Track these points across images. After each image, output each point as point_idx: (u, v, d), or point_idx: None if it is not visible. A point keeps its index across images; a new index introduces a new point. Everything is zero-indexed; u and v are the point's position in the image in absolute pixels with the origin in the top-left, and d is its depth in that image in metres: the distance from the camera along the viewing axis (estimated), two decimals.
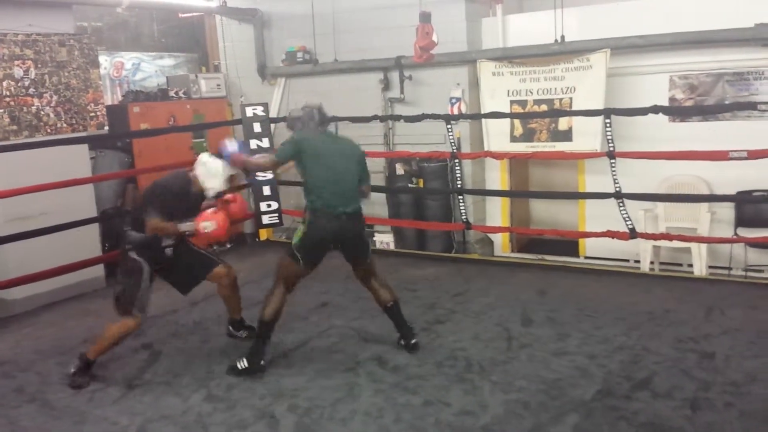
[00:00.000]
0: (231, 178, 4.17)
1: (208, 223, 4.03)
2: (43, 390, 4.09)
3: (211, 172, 4.08)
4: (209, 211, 4.10)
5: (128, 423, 3.64)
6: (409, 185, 7.15)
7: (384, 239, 7.40)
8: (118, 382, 4.15)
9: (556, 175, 7.37)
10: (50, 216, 5.52)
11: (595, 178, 6.42)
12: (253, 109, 7.04)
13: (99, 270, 6.23)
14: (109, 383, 4.13)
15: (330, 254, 4.26)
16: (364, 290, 5.70)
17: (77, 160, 6.02)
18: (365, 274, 4.40)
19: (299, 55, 7.68)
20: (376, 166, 7.42)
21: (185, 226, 4.04)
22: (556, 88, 6.40)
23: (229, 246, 7.63)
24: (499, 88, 6.63)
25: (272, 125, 7.19)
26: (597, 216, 6.40)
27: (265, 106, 7.17)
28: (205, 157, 4.16)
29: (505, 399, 3.68)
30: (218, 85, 7.83)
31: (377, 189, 7.18)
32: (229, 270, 4.49)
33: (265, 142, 6.97)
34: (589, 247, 6.71)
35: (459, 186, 6.56)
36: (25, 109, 5.73)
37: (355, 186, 4.21)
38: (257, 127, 6.99)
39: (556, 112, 6.38)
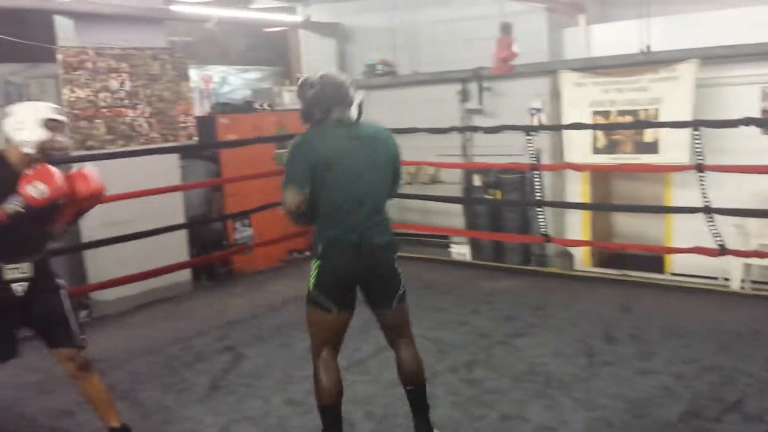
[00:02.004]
0: (51, 124, 3.08)
1: (36, 185, 2.96)
2: (134, 388, 4.27)
3: (18, 121, 3.07)
4: (29, 171, 3.02)
5: (212, 423, 3.77)
6: (486, 196, 7.11)
7: (460, 250, 7.37)
8: (203, 382, 4.29)
9: (641, 189, 7.15)
10: (142, 221, 5.75)
11: (683, 192, 6.19)
12: None
13: (186, 274, 6.49)
14: (194, 383, 4.29)
15: (405, 262, 4.14)
16: (441, 300, 5.76)
17: (168, 169, 6.27)
18: (389, 327, 3.26)
19: (379, 67, 7.79)
20: (453, 177, 7.44)
21: (10, 205, 2.96)
22: (641, 99, 6.23)
23: (284, 262, 7.63)
24: (581, 98, 6.51)
25: None
26: (684, 231, 6.17)
27: None
28: (14, 107, 3.16)
29: (587, 416, 3.59)
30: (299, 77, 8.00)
31: (455, 200, 7.21)
32: (77, 356, 3.28)
33: None
34: (676, 263, 6.47)
35: (539, 198, 6.47)
36: (120, 119, 6.04)
37: (385, 202, 3.15)
38: None
39: (641, 124, 6.21)
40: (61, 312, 3.23)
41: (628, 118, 6.29)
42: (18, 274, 3.10)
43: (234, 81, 8.35)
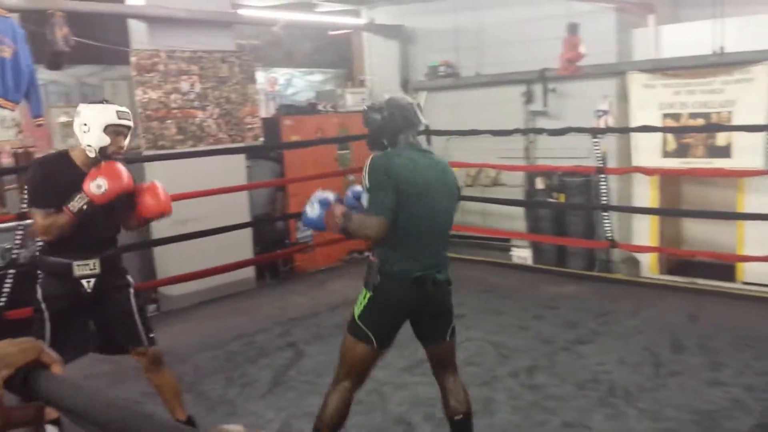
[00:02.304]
0: (115, 129, 3.06)
1: (98, 181, 3.00)
2: (198, 381, 4.38)
3: (83, 123, 3.06)
4: (93, 168, 3.07)
5: (274, 417, 3.83)
6: (549, 200, 7.01)
7: (521, 254, 7.28)
8: (265, 378, 4.37)
9: (711, 194, 6.91)
10: (209, 219, 5.90)
11: (757, 198, 5.95)
12: None
13: (250, 272, 6.62)
14: (256, 378, 4.37)
15: (465, 265, 4.12)
16: (502, 304, 5.70)
17: (235, 169, 6.41)
18: (439, 360, 3.13)
19: (441, 69, 7.78)
20: (515, 180, 7.35)
21: (75, 203, 3.00)
22: (713, 102, 6.03)
23: (344, 262, 7.68)
24: (650, 101, 6.35)
25: None
26: (758, 239, 5.93)
27: None
28: (81, 107, 3.14)
29: (653, 427, 3.50)
30: (363, 99, 8.08)
31: (517, 203, 7.12)
32: (148, 350, 3.33)
33: None
34: (748, 271, 6.22)
35: (605, 202, 6.33)
36: (190, 120, 6.21)
37: (448, 236, 3.01)
38: None
39: (714, 127, 6.01)
40: (128, 311, 3.27)
41: (700, 121, 6.09)
42: (86, 270, 3.16)
43: (298, 83, 8.48)
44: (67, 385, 0.79)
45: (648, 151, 6.39)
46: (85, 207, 3.00)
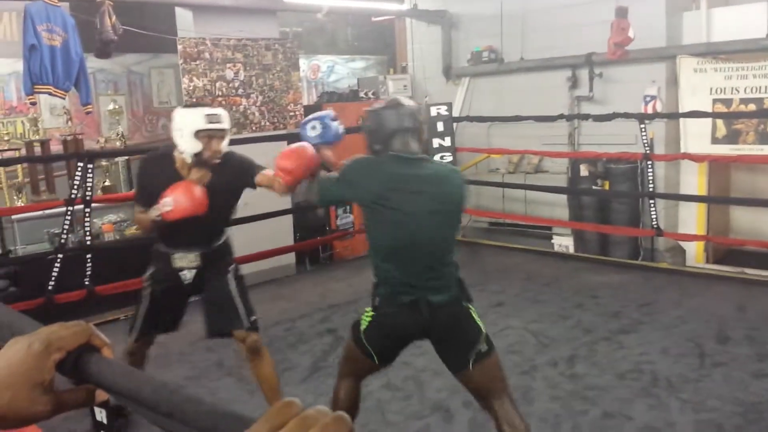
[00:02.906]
0: (205, 134, 3.00)
1: (168, 198, 2.92)
2: (239, 365, 4.44)
3: (177, 128, 3.04)
4: (175, 184, 2.99)
5: (313, 403, 3.83)
6: (594, 187, 6.89)
7: (563, 242, 7.19)
8: (306, 363, 4.44)
9: (762, 181, 6.71)
10: (251, 206, 5.97)
11: None
12: (437, 109, 7.17)
13: (291, 258, 6.69)
14: (297, 363, 4.44)
15: (509, 253, 4.10)
16: (543, 292, 5.66)
17: (275, 156, 6.47)
18: (473, 388, 2.68)
19: (485, 54, 7.70)
20: (558, 167, 7.25)
21: (153, 210, 2.96)
22: (766, 86, 5.83)
23: None
24: (700, 85, 6.18)
25: (455, 124, 7.30)
26: None
27: (449, 105, 7.28)
28: (177, 111, 3.13)
29: (696, 419, 3.43)
30: (405, 85, 8.06)
31: (560, 190, 7.02)
32: (247, 337, 3.24)
33: (447, 141, 7.09)
34: None
35: (651, 189, 6.20)
36: (234, 108, 6.29)
37: (448, 254, 2.65)
38: (440, 126, 7.13)
39: (766, 113, 5.82)
40: (227, 294, 3.23)
41: (752, 107, 5.91)
42: (185, 262, 3.16)
43: (340, 70, 8.51)
44: (117, 367, 0.81)
45: (697, 137, 6.24)
46: (158, 218, 2.95)
